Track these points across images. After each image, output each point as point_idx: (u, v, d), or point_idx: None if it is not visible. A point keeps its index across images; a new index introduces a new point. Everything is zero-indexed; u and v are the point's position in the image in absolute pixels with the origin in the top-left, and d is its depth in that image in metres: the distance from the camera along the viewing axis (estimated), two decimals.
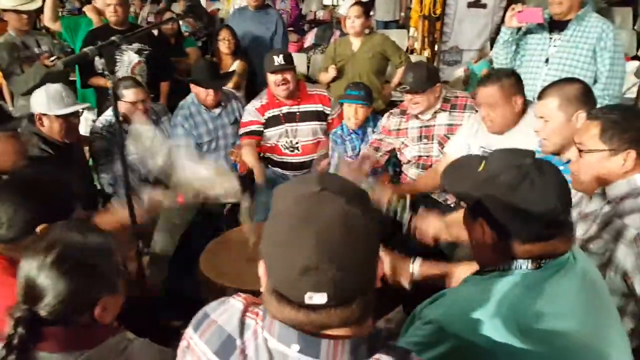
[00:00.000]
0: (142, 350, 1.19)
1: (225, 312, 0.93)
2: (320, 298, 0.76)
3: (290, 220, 0.80)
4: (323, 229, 0.76)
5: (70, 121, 2.56)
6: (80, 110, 2.67)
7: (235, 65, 3.93)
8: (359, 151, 3.08)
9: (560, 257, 1.08)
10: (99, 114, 3.37)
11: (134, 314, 2.02)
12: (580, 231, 1.59)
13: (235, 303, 0.94)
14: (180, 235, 2.87)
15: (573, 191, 1.71)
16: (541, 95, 1.98)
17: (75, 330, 1.11)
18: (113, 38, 1.38)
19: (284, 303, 0.80)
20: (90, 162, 3.08)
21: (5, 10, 3.68)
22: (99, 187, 2.99)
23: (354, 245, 0.77)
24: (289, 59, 3.01)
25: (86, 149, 3.07)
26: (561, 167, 1.93)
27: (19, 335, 1.04)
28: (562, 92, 1.89)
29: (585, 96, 1.88)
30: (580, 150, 1.57)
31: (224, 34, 3.97)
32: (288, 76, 3.00)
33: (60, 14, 5.21)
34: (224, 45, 3.97)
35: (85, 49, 1.35)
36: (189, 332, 0.96)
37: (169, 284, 2.76)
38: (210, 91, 3.06)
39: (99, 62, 1.29)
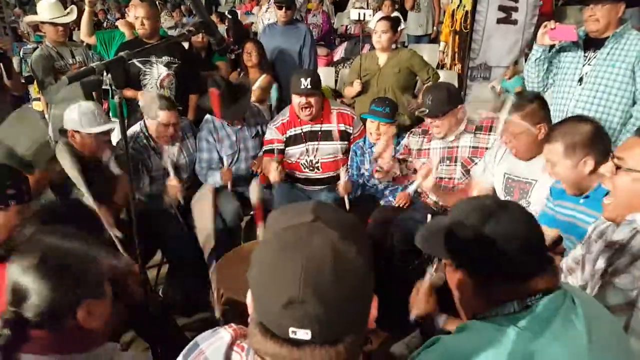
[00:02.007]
0: None
1: (213, 343, 0.91)
2: (303, 334, 0.72)
3: (278, 249, 0.76)
4: (311, 262, 0.72)
5: (100, 138, 2.62)
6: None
7: (261, 80, 3.94)
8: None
9: (550, 296, 1.02)
10: (129, 125, 3.43)
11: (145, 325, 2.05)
12: (603, 261, 1.47)
13: (224, 335, 0.92)
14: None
15: (600, 220, 1.61)
16: (548, 138, 1.89)
17: (61, 334, 1.15)
18: (121, 54, 1.38)
19: (268, 336, 0.75)
20: None
21: (42, 23, 3.81)
22: None
23: (342, 283, 0.72)
24: (315, 84, 2.99)
25: None
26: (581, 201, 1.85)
27: (6, 337, 1.09)
28: (567, 137, 1.80)
29: (593, 140, 1.77)
30: (618, 167, 1.41)
31: (249, 48, 4.00)
32: (312, 100, 3.00)
33: (104, 24, 5.38)
34: (247, 58, 4.00)
35: (92, 65, 1.35)
36: None
37: (185, 296, 2.76)
38: None
39: (106, 78, 1.29)
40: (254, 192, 2.36)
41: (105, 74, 1.32)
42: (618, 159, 1.41)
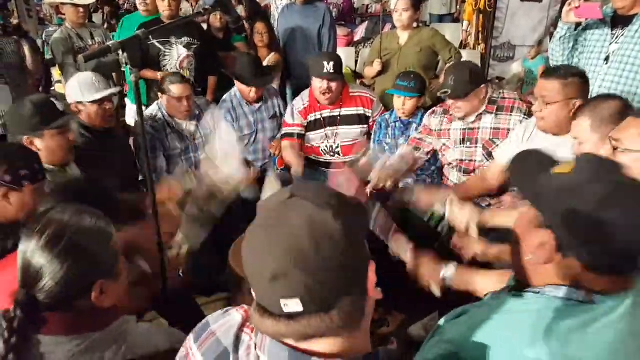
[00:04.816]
0: (146, 335, 1.19)
1: (224, 324, 0.92)
2: (295, 305, 0.75)
3: (259, 229, 0.80)
4: (289, 234, 0.75)
5: (105, 106, 2.61)
6: (115, 96, 2.72)
7: (269, 58, 3.96)
8: (397, 140, 3.01)
9: (615, 299, 0.92)
10: (148, 106, 3.45)
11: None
12: None
13: (236, 316, 0.93)
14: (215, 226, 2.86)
15: None
16: (575, 115, 1.85)
17: (76, 315, 1.13)
18: (137, 32, 1.37)
19: (266, 315, 0.79)
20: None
21: (63, 4, 3.84)
22: (140, 177, 3.05)
23: (321, 249, 0.74)
24: (338, 67, 2.95)
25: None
26: None
27: (19, 319, 1.06)
28: (594, 111, 1.77)
29: (621, 114, 1.71)
30: (615, 149, 1.42)
31: (258, 27, 4.01)
32: (333, 85, 2.97)
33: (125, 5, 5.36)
34: (258, 38, 4.01)
35: (108, 43, 1.35)
36: (189, 341, 0.95)
37: (200, 276, 2.79)
38: (254, 88, 3.06)
39: (122, 57, 1.28)
40: (269, 185, 2.38)
41: (121, 52, 1.32)
42: (615, 141, 1.42)
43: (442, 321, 1.11)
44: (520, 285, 1.04)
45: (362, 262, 0.81)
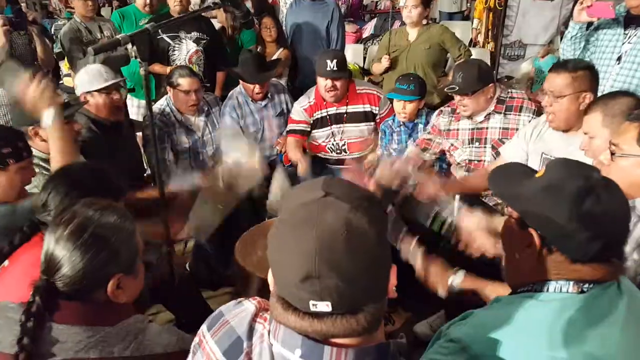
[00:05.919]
0: (157, 335, 1.21)
1: (238, 314, 0.93)
2: (324, 306, 0.75)
3: (292, 227, 0.78)
4: (325, 236, 0.73)
5: (112, 96, 2.61)
6: (122, 87, 2.72)
7: (278, 54, 3.96)
8: (405, 145, 2.98)
9: (603, 286, 0.96)
10: (156, 101, 3.45)
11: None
12: None
13: (249, 306, 0.94)
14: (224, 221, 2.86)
15: None
16: (587, 110, 1.85)
17: (91, 306, 1.15)
18: (147, 26, 1.37)
19: (289, 310, 0.78)
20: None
21: None
22: (148, 171, 3.06)
23: (357, 254, 0.74)
24: (341, 65, 2.95)
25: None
26: None
27: (37, 304, 1.10)
28: (606, 107, 1.76)
29: (633, 111, 1.70)
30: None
31: (266, 22, 4.02)
32: (338, 83, 2.97)
33: None
34: (266, 33, 4.02)
35: (117, 36, 1.35)
36: (203, 330, 0.96)
37: (210, 270, 2.80)
38: (257, 85, 3.06)
39: (131, 50, 1.28)
40: (277, 181, 2.39)
41: (130, 46, 1.31)
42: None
43: (445, 326, 1.11)
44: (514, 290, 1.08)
45: (389, 266, 0.82)
